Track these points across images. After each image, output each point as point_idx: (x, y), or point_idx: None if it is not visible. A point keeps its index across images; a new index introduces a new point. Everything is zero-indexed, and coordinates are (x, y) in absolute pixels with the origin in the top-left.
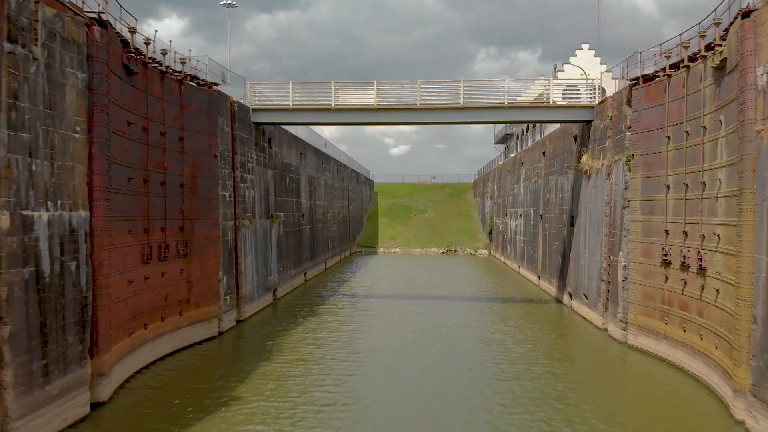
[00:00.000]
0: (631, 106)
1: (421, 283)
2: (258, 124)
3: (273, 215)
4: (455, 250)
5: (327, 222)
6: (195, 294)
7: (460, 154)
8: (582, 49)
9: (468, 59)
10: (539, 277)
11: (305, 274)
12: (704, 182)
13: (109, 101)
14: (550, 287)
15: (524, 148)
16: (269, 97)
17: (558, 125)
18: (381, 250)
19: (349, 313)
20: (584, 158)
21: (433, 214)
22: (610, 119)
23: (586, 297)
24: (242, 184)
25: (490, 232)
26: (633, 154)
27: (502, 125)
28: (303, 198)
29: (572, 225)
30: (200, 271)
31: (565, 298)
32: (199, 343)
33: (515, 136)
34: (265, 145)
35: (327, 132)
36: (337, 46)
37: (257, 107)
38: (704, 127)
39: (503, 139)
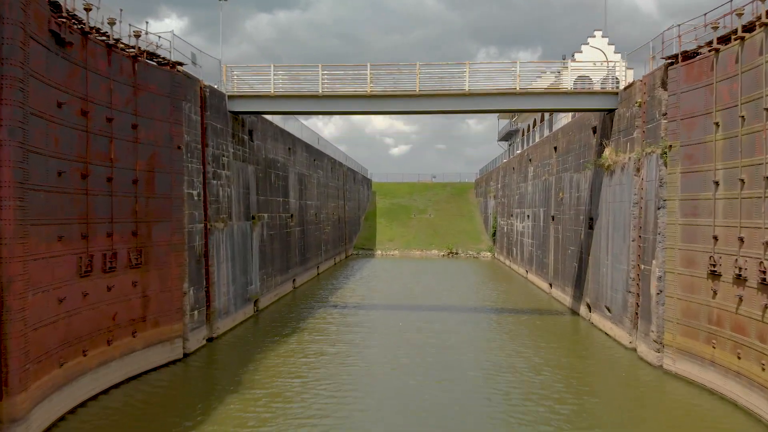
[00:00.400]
0: (666, 89)
1: (420, 291)
2: (236, 114)
3: (254, 216)
4: (457, 253)
5: (320, 223)
6: (153, 311)
7: (460, 154)
8: (594, 36)
9: (468, 59)
10: (550, 285)
11: (294, 280)
12: None
13: (26, 75)
14: (563, 296)
15: (532, 143)
16: (249, 83)
17: (572, 117)
18: (379, 252)
19: (338, 329)
20: (606, 152)
21: (434, 215)
22: (639, 106)
23: (609, 310)
24: (215, 181)
25: (494, 234)
26: (670, 146)
27: (507, 120)
28: (291, 197)
29: (591, 228)
30: (159, 284)
31: (583, 310)
32: (159, 368)
33: (521, 132)
34: (245, 137)
35: (326, 132)
36: (337, 46)
37: (234, 94)
38: (767, 109)
39: (507, 136)
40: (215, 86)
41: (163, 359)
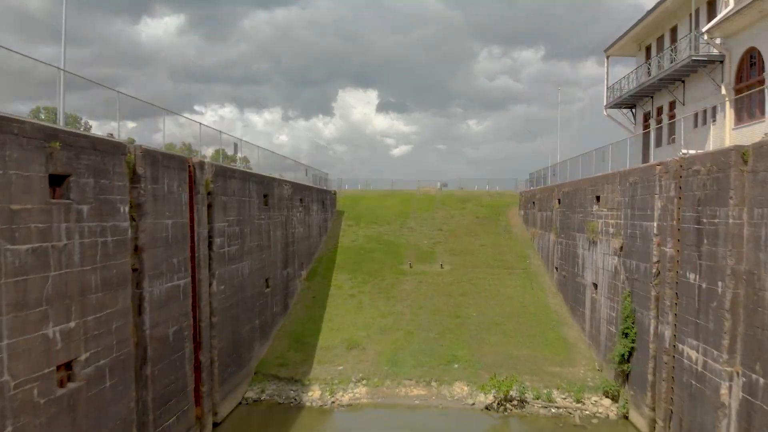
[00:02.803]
0: None
1: None
2: None
3: None
4: (522, 401)
5: None
6: None
7: (460, 154)
8: None
9: (470, 59)
10: None
11: None
12: None
13: None
14: None
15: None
16: None
17: None
18: (313, 393)
19: None
20: None
21: (451, 266)
22: None
23: None
24: None
25: (631, 346)
26: None
27: (631, 65)
28: None
29: None
30: None
31: None
32: None
33: (727, 69)
34: None
35: (326, 132)
36: (338, 46)
37: None
38: None
39: (635, 98)
40: None
41: None
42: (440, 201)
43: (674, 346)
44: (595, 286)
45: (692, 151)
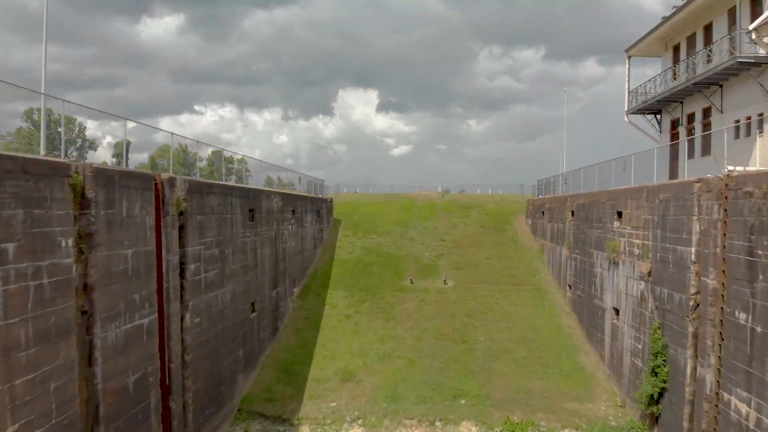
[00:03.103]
0: None
1: None
2: None
3: None
4: None
5: None
6: None
7: (460, 154)
8: None
9: (470, 58)
10: None
11: None
12: None
13: None
14: None
15: None
16: None
17: None
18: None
19: None
20: None
21: (455, 282)
22: None
23: None
24: None
25: (663, 384)
26: None
27: (653, 66)
28: None
29: None
30: None
31: None
32: None
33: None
34: None
35: (326, 132)
36: (338, 46)
37: None
38: None
39: (661, 103)
40: None
41: None
42: (442, 208)
43: (717, 393)
44: (617, 311)
45: (739, 168)
